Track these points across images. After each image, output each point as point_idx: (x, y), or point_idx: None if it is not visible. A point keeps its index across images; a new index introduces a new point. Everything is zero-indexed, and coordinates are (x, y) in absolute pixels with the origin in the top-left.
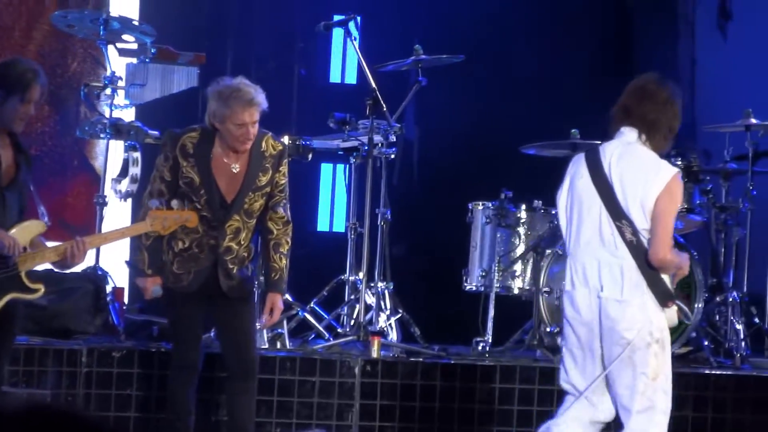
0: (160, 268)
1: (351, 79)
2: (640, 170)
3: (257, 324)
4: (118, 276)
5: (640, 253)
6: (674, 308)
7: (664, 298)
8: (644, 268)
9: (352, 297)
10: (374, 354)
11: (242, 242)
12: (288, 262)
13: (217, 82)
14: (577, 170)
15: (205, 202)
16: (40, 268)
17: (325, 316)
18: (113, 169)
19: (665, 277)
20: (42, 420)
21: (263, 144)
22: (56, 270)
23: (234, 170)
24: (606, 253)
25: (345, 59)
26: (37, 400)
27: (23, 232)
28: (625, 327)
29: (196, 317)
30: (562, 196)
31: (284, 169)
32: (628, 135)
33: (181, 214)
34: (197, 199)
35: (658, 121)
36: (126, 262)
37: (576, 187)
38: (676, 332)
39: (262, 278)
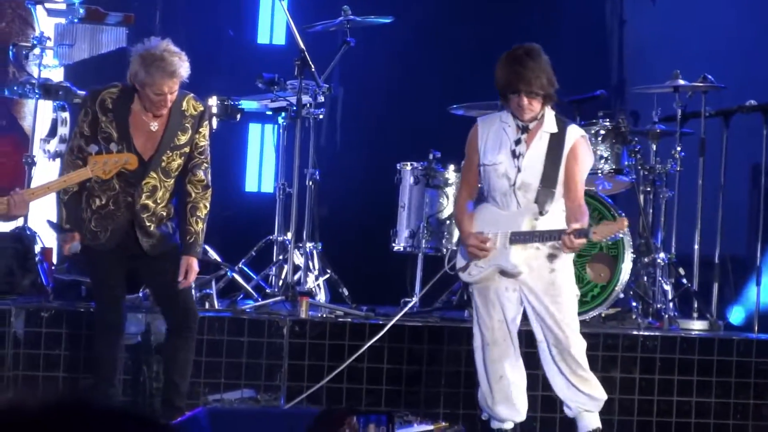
0: (79, 224)
1: (279, 39)
2: None
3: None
4: (47, 236)
5: None
6: None
7: None
8: None
9: (281, 257)
10: (302, 314)
11: (159, 201)
12: (204, 227)
13: (143, 42)
14: None
15: None
16: None
17: (254, 276)
18: (42, 129)
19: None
20: (64, 418)
21: (184, 103)
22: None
23: (152, 128)
24: None
25: (273, 20)
26: (57, 396)
27: None
28: None
29: (116, 277)
30: None
31: (204, 131)
32: None
33: (120, 156)
34: None
35: None
36: (47, 221)
37: None
38: (604, 292)
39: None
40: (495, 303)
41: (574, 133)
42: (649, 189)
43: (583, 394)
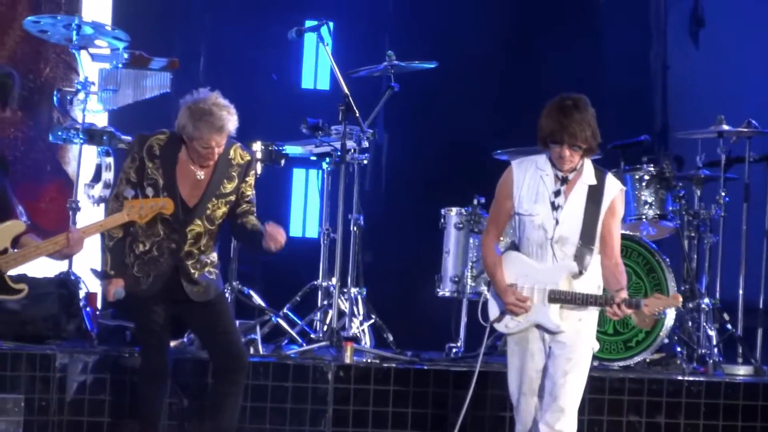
0: (123, 270)
1: (324, 84)
2: None
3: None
4: (91, 282)
5: None
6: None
7: None
8: None
9: (325, 302)
10: (347, 359)
11: (203, 248)
12: None
13: (192, 94)
14: None
15: None
16: (18, 270)
17: (299, 321)
18: (86, 174)
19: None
20: None
21: (231, 152)
22: (54, 258)
23: (199, 177)
24: None
25: (317, 65)
26: None
27: (1, 234)
28: None
29: (160, 322)
30: None
31: (251, 180)
32: None
33: (157, 201)
34: None
35: None
36: (91, 269)
37: None
38: (649, 338)
39: (235, 283)
40: (534, 354)
41: (614, 186)
42: (693, 234)
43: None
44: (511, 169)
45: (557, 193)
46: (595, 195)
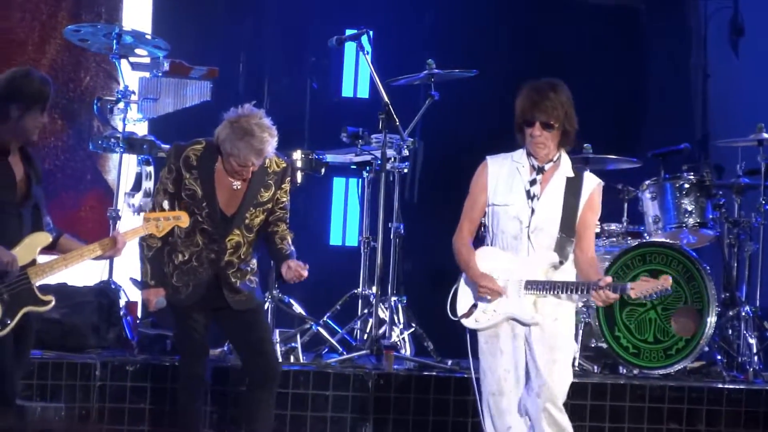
0: (163, 280)
1: (363, 93)
2: None
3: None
4: (131, 290)
5: None
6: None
7: None
8: None
9: (366, 311)
10: (387, 368)
11: (243, 256)
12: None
13: (235, 109)
14: None
15: (206, 215)
16: (54, 279)
17: (339, 330)
18: (126, 182)
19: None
20: None
21: (266, 160)
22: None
23: (235, 187)
24: None
25: (357, 73)
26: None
27: (27, 247)
28: None
29: (200, 330)
30: None
31: (287, 187)
32: None
33: (172, 213)
34: (199, 211)
35: None
36: (131, 279)
37: None
38: (689, 346)
39: (276, 291)
40: (504, 351)
41: (592, 180)
42: (733, 242)
43: None
44: (486, 163)
45: (533, 182)
46: (573, 187)
